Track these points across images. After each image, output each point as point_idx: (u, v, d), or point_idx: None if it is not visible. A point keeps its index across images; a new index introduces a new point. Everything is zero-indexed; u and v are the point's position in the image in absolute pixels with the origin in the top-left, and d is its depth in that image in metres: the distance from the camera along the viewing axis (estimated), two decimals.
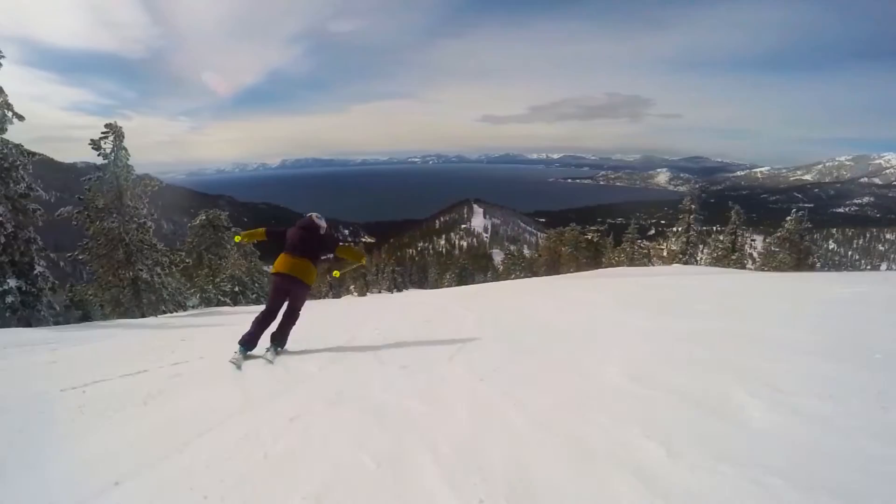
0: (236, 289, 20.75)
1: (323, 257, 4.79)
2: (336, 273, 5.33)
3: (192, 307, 17.77)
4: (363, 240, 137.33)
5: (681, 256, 31.98)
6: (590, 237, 30.25)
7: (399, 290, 50.08)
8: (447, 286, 48.39)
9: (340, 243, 4.73)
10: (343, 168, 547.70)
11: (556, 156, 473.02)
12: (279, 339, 4.45)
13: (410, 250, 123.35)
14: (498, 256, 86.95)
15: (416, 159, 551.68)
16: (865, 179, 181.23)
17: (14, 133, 12.47)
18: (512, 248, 54.04)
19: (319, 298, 40.88)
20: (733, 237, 31.74)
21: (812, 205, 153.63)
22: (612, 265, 27.37)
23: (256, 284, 21.47)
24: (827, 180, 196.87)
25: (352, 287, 47.93)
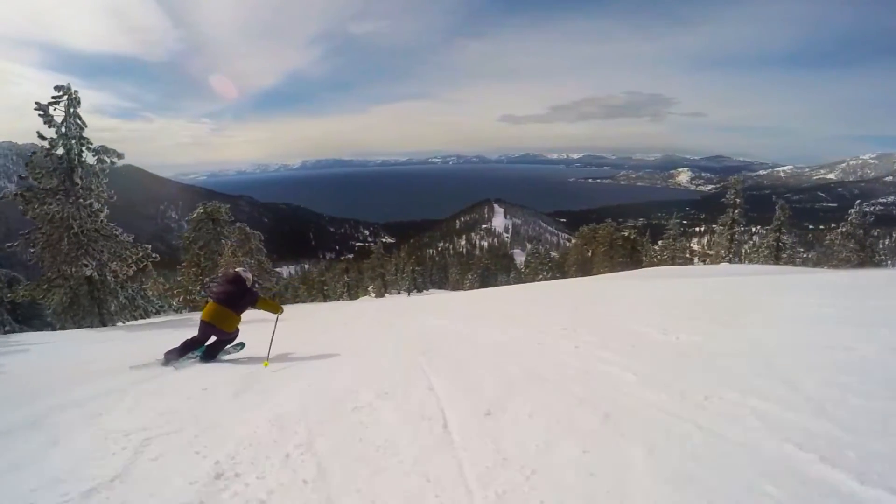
0: None
1: (245, 308, 5.23)
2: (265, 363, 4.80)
3: (162, 311, 15.64)
4: (382, 240, 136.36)
5: (723, 255, 29.54)
6: (626, 234, 27.80)
7: (419, 290, 48.32)
8: (469, 287, 46.50)
9: (260, 298, 5.36)
10: (363, 168, 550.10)
11: (576, 156, 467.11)
12: (208, 356, 5.14)
13: (430, 250, 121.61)
14: (519, 257, 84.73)
15: (436, 160, 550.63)
16: (890, 178, 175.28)
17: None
18: (540, 247, 51.80)
19: (334, 300, 39.51)
20: (778, 234, 29.28)
21: (836, 204, 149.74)
22: (653, 264, 25.01)
23: (258, 284, 19.20)
24: (851, 179, 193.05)
25: (370, 287, 46.40)
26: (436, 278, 61.22)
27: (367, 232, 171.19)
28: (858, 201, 26.97)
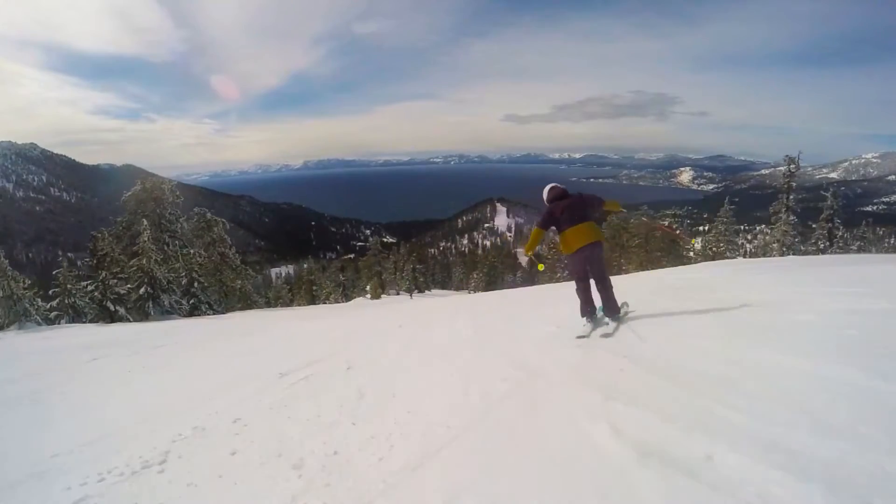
0: (142, 290, 13.40)
1: (598, 210, 4.68)
2: (540, 267, 5.32)
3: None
4: (383, 238, 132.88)
5: (775, 246, 25.61)
6: (668, 223, 23.83)
7: (420, 290, 44.33)
8: (475, 288, 42.62)
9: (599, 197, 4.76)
10: (365, 168, 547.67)
11: (577, 155, 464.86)
12: (612, 308, 4.44)
13: (432, 250, 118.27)
14: (524, 256, 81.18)
15: (438, 159, 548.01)
16: (893, 177, 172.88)
17: (43, 137, 7.07)
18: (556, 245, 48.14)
19: (327, 302, 35.70)
20: (830, 225, 25.40)
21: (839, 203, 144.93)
22: (707, 258, 21.13)
23: (198, 284, 14.45)
24: (854, 178, 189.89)
25: (367, 287, 42.43)
26: (438, 278, 57.62)
27: (368, 232, 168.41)
28: None
